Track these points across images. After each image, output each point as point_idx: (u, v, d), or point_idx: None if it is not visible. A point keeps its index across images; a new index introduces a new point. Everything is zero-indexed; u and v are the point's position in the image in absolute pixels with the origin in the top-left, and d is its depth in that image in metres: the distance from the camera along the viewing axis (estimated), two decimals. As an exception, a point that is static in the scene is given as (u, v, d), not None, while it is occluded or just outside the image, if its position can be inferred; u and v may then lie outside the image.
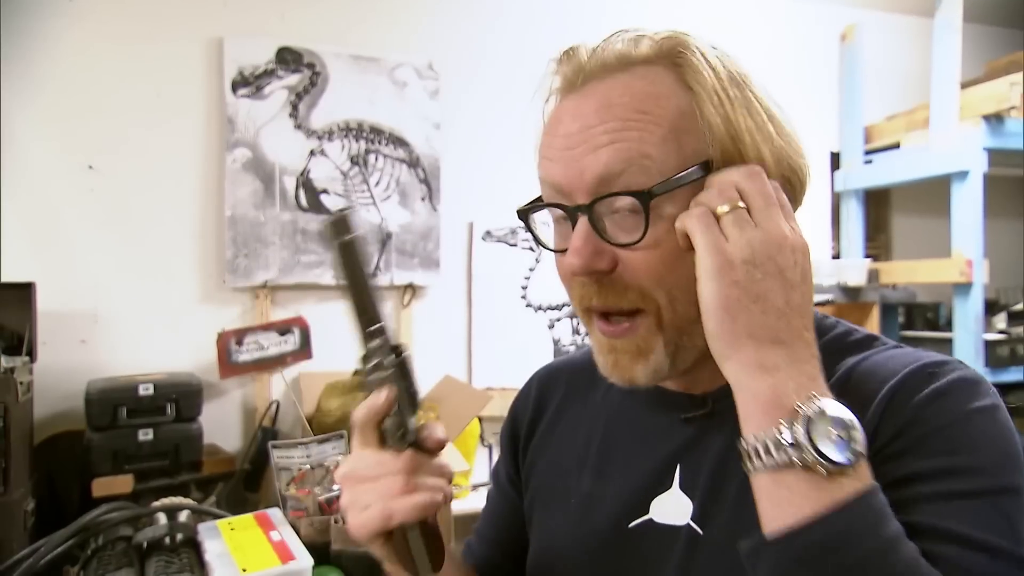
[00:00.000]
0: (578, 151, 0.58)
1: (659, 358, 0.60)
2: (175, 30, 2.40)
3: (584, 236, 0.58)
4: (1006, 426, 0.56)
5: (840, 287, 2.66)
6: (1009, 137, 2.41)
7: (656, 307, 0.59)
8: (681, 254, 0.57)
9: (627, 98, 0.58)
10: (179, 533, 1.38)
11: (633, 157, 0.56)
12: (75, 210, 2.29)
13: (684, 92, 0.58)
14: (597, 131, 0.57)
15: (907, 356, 0.60)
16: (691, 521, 0.62)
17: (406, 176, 2.63)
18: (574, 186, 0.58)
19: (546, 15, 2.84)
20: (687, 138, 0.57)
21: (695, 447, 0.65)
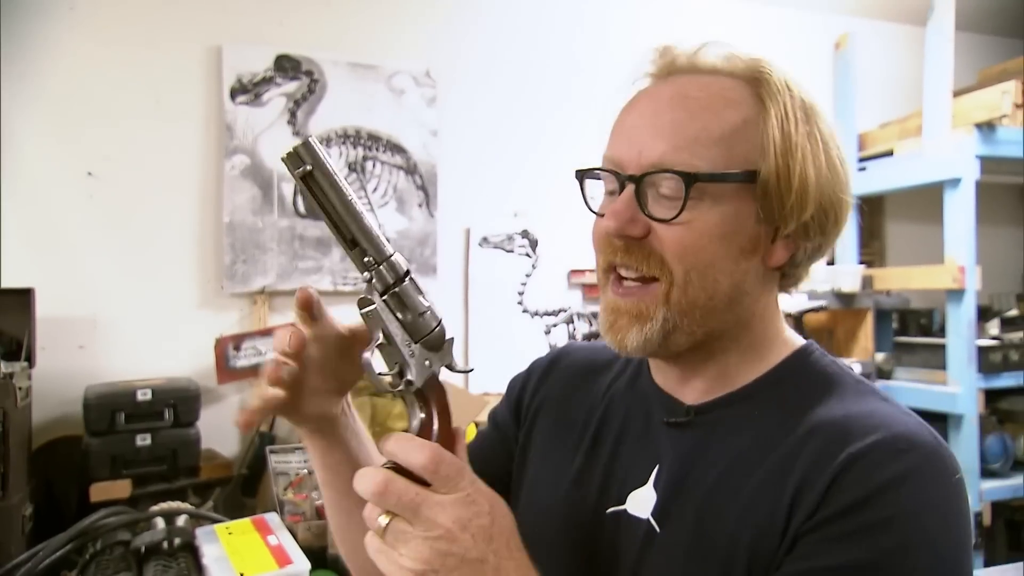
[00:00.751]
0: (642, 133, 0.65)
1: (654, 328, 0.64)
2: (174, 37, 2.42)
3: (626, 202, 0.64)
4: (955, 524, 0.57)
5: (834, 293, 2.68)
6: (1001, 145, 2.43)
7: (670, 280, 0.64)
8: (709, 240, 0.63)
9: (703, 94, 0.64)
10: (177, 538, 1.39)
11: (686, 152, 0.62)
12: (74, 216, 2.30)
13: (755, 105, 0.64)
14: (664, 119, 0.64)
15: (882, 418, 0.61)
16: (651, 516, 0.67)
17: (403, 183, 2.65)
18: (631, 161, 0.64)
19: (543, 24, 2.86)
20: (741, 145, 0.63)
21: (672, 450, 0.69)
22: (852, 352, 2.75)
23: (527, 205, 2.76)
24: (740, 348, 0.69)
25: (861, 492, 0.56)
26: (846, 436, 0.59)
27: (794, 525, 0.58)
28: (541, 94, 2.79)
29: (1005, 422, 2.60)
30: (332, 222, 0.58)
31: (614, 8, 2.92)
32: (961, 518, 0.58)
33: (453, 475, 0.54)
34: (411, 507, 0.53)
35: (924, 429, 0.61)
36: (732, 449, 0.65)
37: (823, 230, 0.66)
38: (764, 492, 0.61)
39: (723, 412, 0.68)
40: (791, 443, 0.62)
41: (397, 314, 0.60)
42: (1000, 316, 2.79)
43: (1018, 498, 2.54)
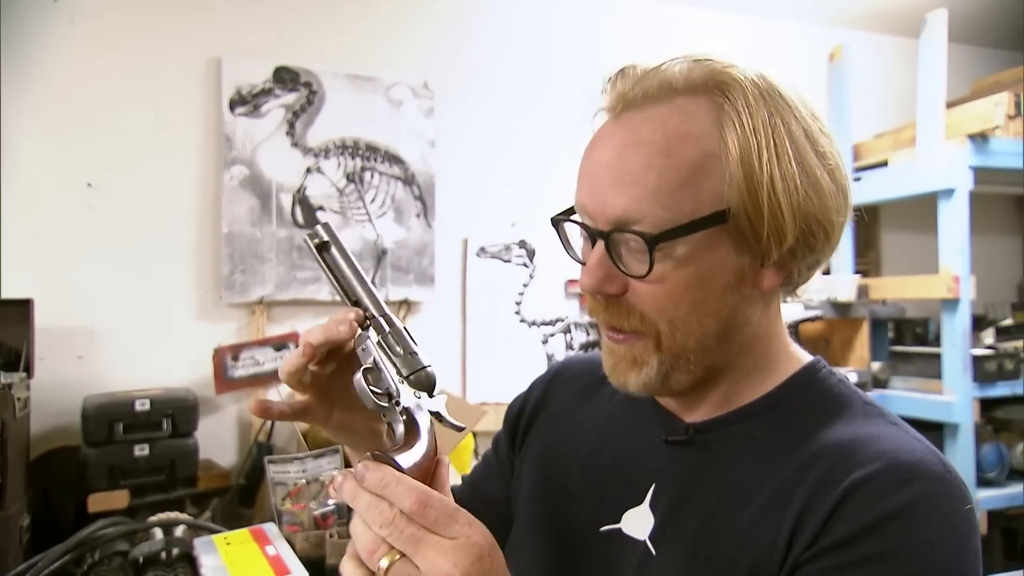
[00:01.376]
0: (604, 184, 0.61)
1: (651, 372, 0.63)
2: (173, 49, 2.43)
3: (598, 260, 0.62)
4: (960, 560, 0.54)
5: (830, 303, 2.69)
6: (994, 155, 2.45)
7: (656, 332, 0.62)
8: (685, 290, 0.61)
9: (658, 136, 0.60)
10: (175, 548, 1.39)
11: (648, 204, 0.59)
12: (73, 227, 2.31)
13: (716, 133, 0.59)
14: (622, 169, 0.60)
15: (889, 442, 0.59)
16: (647, 539, 0.65)
17: (401, 193, 2.66)
18: (597, 214, 0.62)
19: (540, 36, 2.88)
20: (707, 182, 0.59)
21: (670, 470, 0.67)
22: (848, 361, 2.76)
23: (524, 215, 2.78)
24: (744, 369, 0.67)
25: (862, 522, 0.54)
26: (850, 462, 0.57)
27: (794, 553, 0.56)
28: (538, 105, 2.81)
29: (1001, 431, 2.61)
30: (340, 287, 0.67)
31: (609, 21, 2.94)
32: (968, 551, 0.55)
33: (443, 519, 0.52)
34: (412, 543, 0.51)
35: (933, 456, 0.58)
36: (732, 471, 0.63)
37: (812, 248, 0.62)
38: (764, 518, 0.59)
39: (724, 431, 0.66)
40: (793, 467, 0.60)
41: (389, 353, 0.64)
42: (995, 325, 2.80)
43: (1014, 507, 2.54)
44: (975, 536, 0.56)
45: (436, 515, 0.52)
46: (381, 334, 0.65)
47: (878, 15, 3.24)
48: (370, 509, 0.52)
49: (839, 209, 0.63)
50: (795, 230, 0.59)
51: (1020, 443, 2.58)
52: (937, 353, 2.55)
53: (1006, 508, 2.54)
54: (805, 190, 0.59)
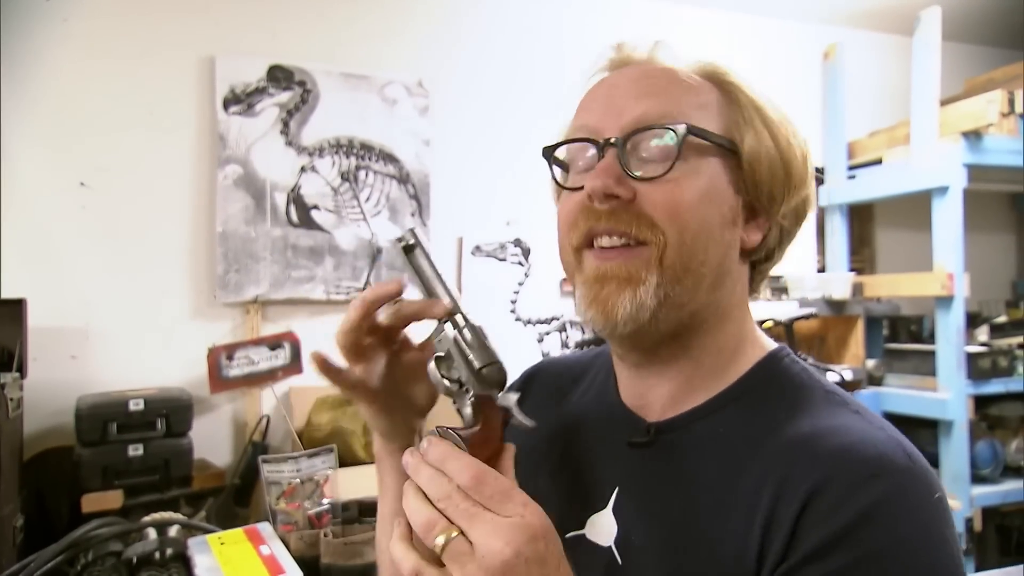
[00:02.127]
0: (620, 97, 0.63)
1: (648, 291, 0.60)
2: (167, 48, 2.43)
3: (609, 164, 0.61)
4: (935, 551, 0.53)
5: (825, 300, 2.70)
6: (988, 153, 2.46)
7: (663, 243, 0.60)
8: (699, 201, 0.61)
9: (670, 74, 0.64)
10: (169, 548, 1.39)
11: (671, 108, 0.61)
12: (67, 226, 2.30)
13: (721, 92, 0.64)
14: (641, 84, 0.63)
15: (851, 434, 0.57)
16: (613, 545, 0.64)
17: (396, 192, 2.66)
18: (609, 125, 0.62)
19: (535, 34, 2.88)
20: (718, 116, 0.63)
21: (633, 474, 0.66)
22: (843, 359, 2.77)
23: (520, 214, 2.78)
24: (716, 346, 0.65)
25: (831, 529, 0.52)
26: (810, 461, 0.56)
27: (767, 567, 0.55)
28: (533, 103, 2.80)
29: (995, 428, 2.62)
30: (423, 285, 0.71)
31: (604, 19, 2.94)
32: (943, 542, 0.54)
33: (498, 496, 0.51)
34: (466, 517, 0.51)
35: (896, 446, 0.56)
36: (696, 474, 0.61)
37: (795, 218, 0.66)
38: (731, 526, 0.57)
39: (686, 430, 0.64)
40: (756, 468, 0.58)
41: (463, 346, 0.65)
42: (989, 323, 2.81)
43: (1008, 503, 2.55)
44: (948, 525, 0.55)
45: (491, 491, 0.51)
46: (457, 328, 0.66)
47: (872, 13, 3.25)
48: (431, 482, 0.53)
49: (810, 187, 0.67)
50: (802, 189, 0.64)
51: (1014, 440, 2.59)
52: (931, 350, 2.56)
53: (1000, 504, 2.55)
54: (801, 159, 0.65)
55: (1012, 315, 2.99)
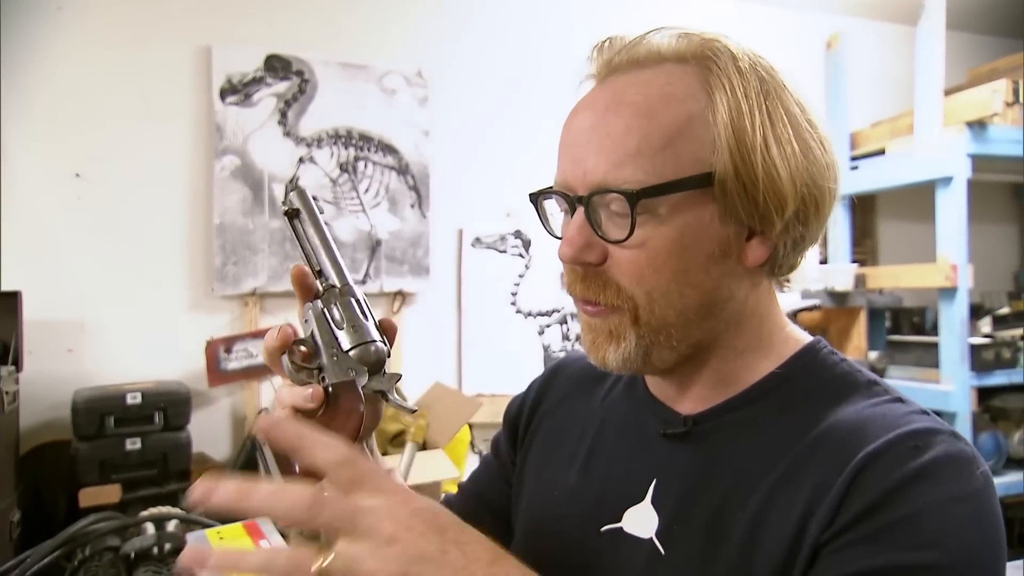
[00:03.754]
0: (582, 150, 0.60)
1: (630, 347, 0.61)
2: (163, 38, 2.40)
3: (578, 227, 0.60)
4: (985, 518, 0.53)
5: (828, 292, 2.68)
6: (992, 143, 2.44)
7: (634, 306, 0.60)
8: (667, 256, 0.58)
9: (639, 97, 0.59)
10: (167, 543, 1.37)
11: (628, 167, 0.57)
12: (62, 218, 2.28)
13: (702, 97, 0.58)
14: (602, 133, 0.59)
15: (897, 418, 0.57)
16: (655, 536, 0.63)
17: (395, 183, 2.63)
18: (576, 181, 0.60)
19: (535, 24, 2.85)
20: (690, 145, 0.58)
21: (671, 465, 0.65)
22: (845, 351, 2.75)
23: (520, 205, 2.75)
24: (736, 351, 0.64)
25: (879, 492, 0.52)
26: (859, 439, 0.56)
27: (810, 538, 0.54)
28: (533, 94, 2.78)
29: (998, 420, 2.61)
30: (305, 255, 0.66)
31: (604, 7, 2.92)
32: (991, 510, 0.54)
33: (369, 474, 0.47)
34: (349, 516, 0.46)
35: (942, 426, 0.57)
36: (736, 462, 0.61)
37: (805, 221, 0.60)
38: (775, 506, 0.57)
39: (723, 420, 0.64)
40: (799, 452, 0.58)
41: (332, 325, 0.62)
42: (992, 314, 2.80)
43: (1011, 495, 2.54)
44: (994, 497, 0.55)
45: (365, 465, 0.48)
46: (327, 306, 0.63)
47: (876, 2, 3.22)
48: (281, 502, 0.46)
49: (831, 178, 0.61)
50: (795, 196, 0.58)
51: (1017, 431, 2.58)
52: (935, 342, 2.55)
53: (1003, 496, 2.53)
54: (802, 153, 0.59)
55: (1015, 306, 2.98)
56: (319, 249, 0.65)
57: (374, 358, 0.61)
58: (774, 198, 0.57)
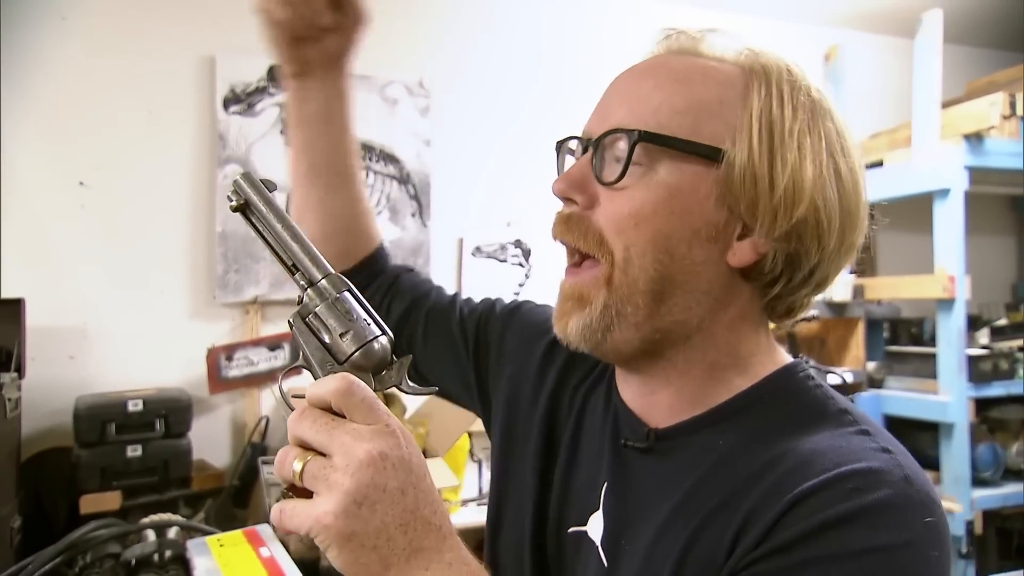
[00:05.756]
0: (609, 100, 0.62)
1: (593, 314, 0.59)
2: (167, 48, 2.42)
3: (580, 166, 0.61)
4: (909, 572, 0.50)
5: (826, 303, 2.69)
6: (990, 156, 2.45)
7: (611, 260, 0.58)
8: (651, 213, 0.57)
9: (681, 66, 0.61)
10: (168, 550, 1.38)
11: (648, 115, 0.58)
12: (66, 226, 2.30)
13: (740, 86, 0.59)
14: (631, 87, 0.61)
15: (851, 452, 0.55)
16: (599, 546, 0.63)
17: (396, 192, 2.65)
18: (596, 127, 0.61)
19: (536, 34, 2.87)
20: (712, 122, 0.58)
21: (627, 475, 0.64)
22: (843, 361, 2.76)
23: (520, 215, 2.77)
24: (706, 363, 0.62)
25: (805, 528, 0.51)
26: (804, 472, 0.54)
27: (732, 560, 0.53)
28: (534, 104, 2.80)
29: (995, 431, 2.61)
30: (271, 250, 0.60)
31: (606, 19, 2.94)
32: (925, 566, 0.51)
33: (368, 402, 0.51)
34: (326, 431, 0.50)
35: (896, 467, 0.53)
36: (689, 481, 0.59)
37: (801, 239, 0.57)
38: (711, 527, 0.56)
39: (685, 440, 0.62)
40: (745, 478, 0.57)
41: (320, 336, 0.57)
42: (990, 325, 2.81)
43: (1009, 506, 2.55)
44: (934, 549, 0.51)
45: (361, 397, 0.51)
46: (310, 315, 0.58)
47: (873, 15, 3.24)
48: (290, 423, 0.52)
49: (851, 219, 0.59)
50: (808, 206, 0.56)
51: (1015, 443, 2.59)
52: (932, 353, 2.55)
53: (1001, 508, 2.54)
54: (816, 177, 0.57)
55: (1013, 318, 2.99)
56: (285, 239, 0.59)
57: (378, 357, 0.57)
58: (786, 200, 0.56)
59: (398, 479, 0.50)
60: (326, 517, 0.49)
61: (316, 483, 0.50)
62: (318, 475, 0.50)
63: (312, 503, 0.50)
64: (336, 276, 0.59)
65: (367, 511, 0.49)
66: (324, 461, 0.50)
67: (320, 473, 0.50)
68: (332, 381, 0.51)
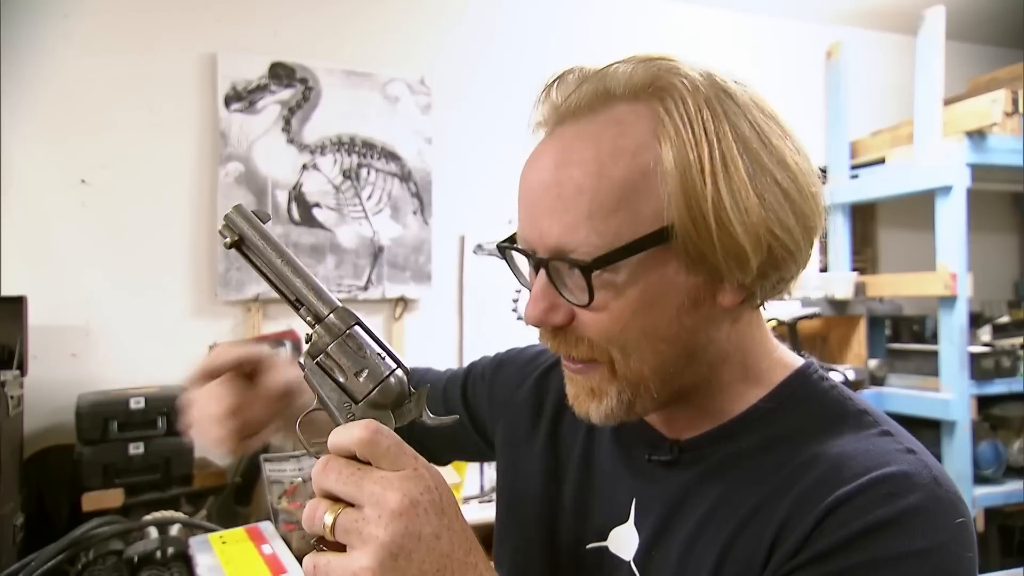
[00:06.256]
0: (537, 211, 0.58)
1: (611, 403, 0.59)
2: (168, 46, 2.42)
3: (541, 290, 0.58)
4: (950, 572, 0.52)
5: (827, 300, 2.69)
6: (992, 153, 2.45)
7: (609, 359, 0.58)
8: (632, 316, 0.56)
9: (589, 154, 0.55)
10: (170, 547, 1.38)
11: (583, 231, 0.55)
12: (67, 224, 2.30)
13: (653, 146, 0.54)
14: (553, 195, 0.56)
15: (879, 456, 0.56)
16: (632, 561, 0.63)
17: (398, 190, 2.65)
18: (535, 241, 0.59)
19: (537, 31, 2.87)
20: (643, 201, 0.54)
21: (653, 489, 0.65)
22: (845, 359, 2.76)
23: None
24: (721, 384, 0.62)
25: (842, 536, 0.52)
26: (836, 477, 0.54)
27: (771, 568, 0.54)
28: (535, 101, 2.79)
29: (998, 428, 2.61)
30: (273, 286, 0.59)
31: (606, 16, 2.93)
32: (959, 566, 0.52)
33: (394, 449, 0.51)
34: (354, 482, 0.49)
35: (924, 468, 0.55)
36: (717, 490, 0.60)
37: (777, 266, 0.56)
38: (746, 534, 0.57)
39: (708, 450, 0.63)
40: (777, 482, 0.57)
41: (335, 376, 0.56)
42: (992, 323, 2.80)
43: (1011, 504, 2.55)
44: (967, 549, 0.53)
45: (387, 444, 0.51)
46: (321, 355, 0.56)
47: (876, 12, 3.24)
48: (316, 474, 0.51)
49: (807, 218, 0.56)
50: (756, 249, 0.54)
51: (1017, 440, 2.59)
52: (934, 350, 2.55)
53: (1003, 505, 2.54)
54: (760, 203, 0.54)
55: (1015, 315, 2.98)
56: (285, 275, 0.57)
57: (395, 392, 0.57)
58: (730, 253, 0.54)
59: (431, 524, 0.50)
60: (364, 573, 0.48)
61: (349, 536, 0.49)
62: (351, 528, 0.49)
63: (348, 557, 0.49)
64: (343, 309, 0.58)
65: (404, 561, 0.48)
66: (355, 513, 0.49)
67: (352, 527, 0.49)
68: (356, 430, 0.51)
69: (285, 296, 0.58)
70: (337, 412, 0.56)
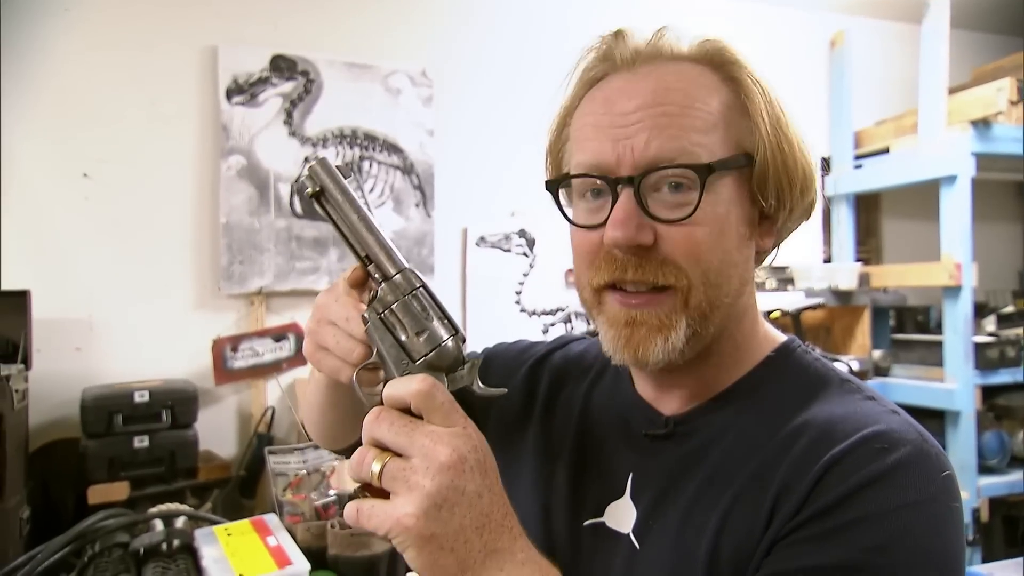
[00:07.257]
0: (632, 129, 0.59)
1: (679, 336, 0.59)
2: (170, 39, 2.41)
3: (628, 208, 0.58)
4: (939, 522, 0.54)
5: (831, 290, 2.68)
6: (997, 142, 2.43)
7: (687, 285, 0.59)
8: (719, 235, 0.59)
9: (683, 84, 0.60)
10: (176, 539, 1.39)
11: (685, 144, 0.58)
12: (70, 218, 2.30)
13: (729, 89, 0.61)
14: (654, 112, 0.58)
15: (866, 416, 0.58)
16: (631, 533, 0.64)
17: (400, 182, 2.64)
18: (622, 162, 0.59)
19: (539, 23, 2.86)
20: (732, 130, 0.60)
21: (650, 462, 0.66)
22: (850, 349, 2.76)
23: (524, 204, 2.76)
24: (724, 349, 0.65)
25: (840, 492, 0.54)
26: (829, 438, 0.57)
27: (772, 530, 0.56)
28: (537, 93, 2.78)
29: (1002, 418, 2.61)
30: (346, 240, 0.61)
31: (608, 6, 2.92)
32: (949, 516, 0.55)
33: (448, 405, 0.53)
34: (405, 433, 0.51)
35: (909, 427, 0.58)
36: (712, 458, 0.62)
37: (806, 216, 0.65)
38: (744, 501, 0.58)
39: (702, 421, 0.65)
40: (772, 449, 0.59)
41: (396, 333, 0.58)
42: (996, 312, 2.80)
43: (1015, 494, 2.54)
44: (954, 500, 0.56)
45: (442, 400, 0.53)
46: (386, 312, 0.58)
47: (880, 1, 3.22)
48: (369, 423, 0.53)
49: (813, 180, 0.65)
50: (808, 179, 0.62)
51: (1021, 430, 2.58)
52: (939, 341, 2.55)
53: (1007, 495, 2.54)
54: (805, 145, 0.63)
55: (1020, 305, 2.98)
56: (360, 231, 0.60)
57: (451, 357, 0.58)
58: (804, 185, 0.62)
59: (475, 482, 0.52)
60: (407, 519, 0.50)
61: (396, 484, 0.51)
62: (398, 476, 0.51)
63: (392, 504, 0.51)
64: (410, 271, 0.60)
65: (447, 513, 0.50)
66: (403, 463, 0.51)
67: (400, 475, 0.51)
68: (413, 383, 0.53)
69: (356, 251, 0.60)
70: (394, 367, 0.58)
